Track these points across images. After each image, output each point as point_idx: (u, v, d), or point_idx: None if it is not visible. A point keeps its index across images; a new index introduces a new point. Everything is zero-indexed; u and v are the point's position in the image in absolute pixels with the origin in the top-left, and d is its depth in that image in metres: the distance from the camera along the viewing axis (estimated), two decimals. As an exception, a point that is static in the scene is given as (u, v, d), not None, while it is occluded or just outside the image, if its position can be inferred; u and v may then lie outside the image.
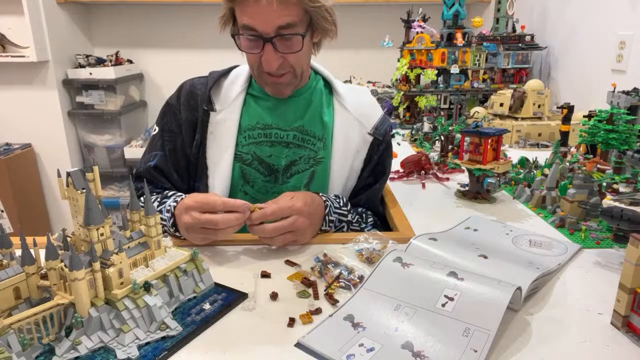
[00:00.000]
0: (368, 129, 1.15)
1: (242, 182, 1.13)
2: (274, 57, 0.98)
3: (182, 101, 1.14)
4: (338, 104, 1.15)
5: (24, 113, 2.81)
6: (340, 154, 1.13)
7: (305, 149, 1.13)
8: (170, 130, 1.14)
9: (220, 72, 1.16)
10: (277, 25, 0.95)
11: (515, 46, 2.20)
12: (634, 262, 0.64)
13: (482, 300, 0.66)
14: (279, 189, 1.13)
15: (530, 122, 1.88)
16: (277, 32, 0.96)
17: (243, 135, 1.12)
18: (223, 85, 1.14)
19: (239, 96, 1.12)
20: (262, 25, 0.95)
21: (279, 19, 0.94)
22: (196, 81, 1.16)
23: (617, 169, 1.20)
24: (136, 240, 0.71)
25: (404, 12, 2.33)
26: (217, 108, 1.11)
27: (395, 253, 0.80)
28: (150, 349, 0.62)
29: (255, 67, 1.05)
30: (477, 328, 0.62)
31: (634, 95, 1.46)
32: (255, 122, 1.12)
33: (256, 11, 0.94)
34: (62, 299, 0.61)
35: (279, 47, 0.98)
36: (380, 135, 1.16)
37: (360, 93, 1.22)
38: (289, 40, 0.98)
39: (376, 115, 1.18)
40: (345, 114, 1.15)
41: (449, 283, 0.70)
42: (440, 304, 0.68)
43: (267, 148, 1.12)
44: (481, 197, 1.21)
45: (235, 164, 1.11)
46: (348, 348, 0.62)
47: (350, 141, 1.14)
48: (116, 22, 3.12)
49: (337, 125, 1.14)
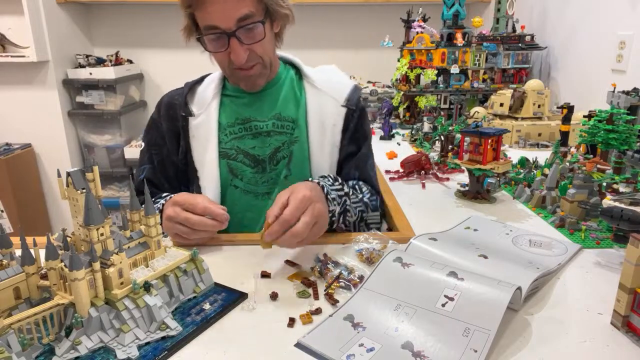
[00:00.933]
0: (341, 101, 1.18)
1: (230, 176, 1.16)
2: (241, 49, 1.02)
3: (162, 114, 1.20)
4: (308, 85, 1.19)
5: (24, 113, 2.81)
6: (316, 130, 1.16)
7: (285, 135, 1.16)
8: (156, 144, 1.20)
9: (194, 81, 1.22)
10: (236, 18, 0.99)
11: (515, 46, 2.20)
12: (634, 262, 0.64)
13: (482, 300, 0.66)
14: (268, 177, 1.17)
15: (530, 122, 1.88)
16: (238, 24, 1.00)
17: (224, 133, 1.16)
18: (198, 91, 1.20)
19: (214, 98, 1.17)
20: (222, 21, 1.00)
21: (237, 11, 0.99)
22: (173, 93, 1.22)
23: (617, 169, 1.20)
24: (136, 240, 0.71)
25: (404, 12, 2.33)
26: (195, 112, 1.17)
27: (395, 253, 0.80)
28: (150, 349, 0.62)
29: (226, 65, 1.09)
30: (477, 328, 0.62)
31: (634, 95, 1.46)
32: (234, 118, 1.17)
33: (214, 9, 0.99)
34: (62, 299, 0.61)
35: (244, 39, 1.02)
36: (353, 105, 1.19)
37: (329, 71, 1.26)
38: (251, 30, 1.02)
39: (347, 87, 1.21)
40: (315, 92, 1.18)
41: (449, 283, 0.70)
42: (440, 304, 0.68)
43: (250, 140, 1.16)
44: (481, 197, 1.21)
45: (221, 160, 1.15)
46: (348, 348, 0.62)
47: (325, 117, 1.17)
48: (116, 22, 3.12)
49: (310, 103, 1.17)
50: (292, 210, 0.82)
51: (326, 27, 3.10)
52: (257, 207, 1.17)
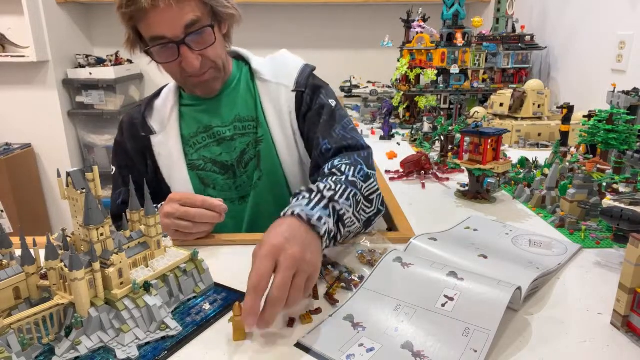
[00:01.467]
0: (290, 87, 1.15)
1: (203, 187, 1.16)
2: (193, 56, 1.00)
3: (125, 135, 1.18)
4: (259, 80, 1.17)
5: (24, 113, 2.81)
6: (276, 125, 1.14)
7: (248, 136, 1.15)
8: (126, 166, 1.19)
9: (151, 96, 1.20)
10: (183, 25, 0.96)
11: (515, 46, 2.20)
12: (633, 262, 0.64)
13: (482, 300, 0.66)
14: (241, 182, 1.17)
15: (530, 122, 1.88)
16: (186, 31, 0.97)
17: (189, 145, 1.15)
18: (155, 106, 1.17)
19: (173, 111, 1.15)
20: (169, 30, 0.96)
21: (183, 18, 0.96)
22: (132, 112, 1.20)
23: (617, 169, 1.20)
24: (136, 240, 0.71)
25: (404, 12, 2.33)
26: (156, 129, 1.15)
27: (395, 253, 0.80)
28: (150, 349, 0.62)
29: (178, 74, 1.06)
30: (477, 328, 0.62)
31: (633, 95, 1.46)
32: (195, 128, 1.15)
33: (159, 19, 0.95)
34: (62, 299, 0.61)
35: (194, 46, 0.99)
36: (303, 87, 1.14)
37: (276, 59, 1.21)
38: (200, 36, 1.00)
39: (295, 70, 1.16)
40: (266, 86, 1.16)
41: (448, 283, 0.70)
42: (440, 304, 0.68)
43: (216, 147, 1.15)
44: (481, 197, 1.21)
45: (190, 173, 1.15)
46: (348, 348, 0.62)
47: (280, 107, 1.14)
48: (116, 22, 3.08)
49: (263, 98, 1.15)
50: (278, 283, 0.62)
51: (326, 27, 3.10)
52: (236, 212, 1.17)
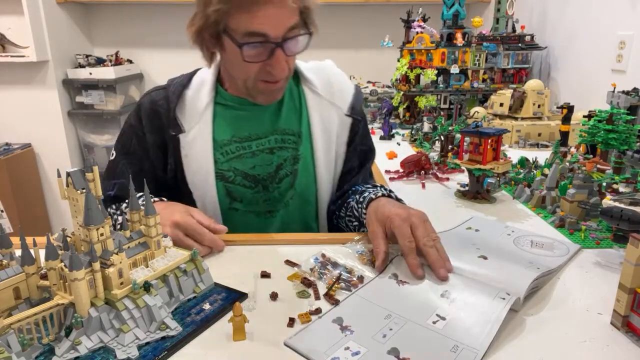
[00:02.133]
0: (344, 109, 1.09)
1: (229, 200, 1.06)
2: (284, 61, 0.93)
3: (144, 123, 1.04)
4: (308, 90, 1.08)
5: (23, 113, 2.81)
6: (322, 145, 1.07)
7: (287, 150, 1.07)
8: (134, 153, 1.05)
9: (182, 83, 1.05)
10: (287, 27, 0.91)
11: (515, 46, 2.20)
12: (633, 262, 0.64)
13: (475, 320, 0.66)
14: (270, 196, 1.09)
15: (530, 122, 1.88)
16: (287, 35, 0.91)
17: (220, 152, 1.04)
18: (187, 98, 1.04)
19: (207, 108, 1.03)
20: (273, 29, 0.89)
21: (289, 20, 0.90)
22: (155, 96, 1.05)
23: (617, 169, 1.20)
24: (136, 241, 0.71)
25: (404, 12, 2.33)
26: (186, 127, 1.02)
27: (391, 269, 0.81)
28: (150, 349, 0.62)
29: (252, 76, 0.96)
30: (466, 347, 0.62)
31: (633, 95, 1.46)
32: (230, 135, 1.05)
33: (266, 14, 0.87)
34: (62, 299, 0.61)
35: (287, 51, 0.93)
36: (359, 115, 1.11)
37: (326, 71, 1.13)
38: (296, 42, 0.94)
39: (349, 92, 1.11)
40: (317, 100, 1.08)
41: (442, 306, 0.71)
42: (432, 321, 0.68)
43: (250, 159, 1.05)
44: (481, 197, 1.21)
45: (218, 183, 1.04)
46: (334, 351, 0.62)
47: (330, 127, 1.08)
48: (116, 22, 3.12)
49: (313, 114, 1.07)
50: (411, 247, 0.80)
51: (326, 27, 3.09)
52: (260, 225, 1.09)
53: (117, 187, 1.04)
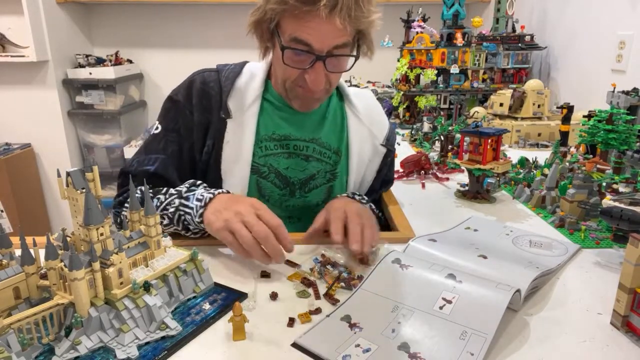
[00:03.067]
0: (380, 139, 1.13)
1: (257, 195, 1.06)
2: (322, 76, 0.93)
3: (194, 102, 1.03)
4: (351, 113, 1.11)
5: (23, 113, 2.81)
6: (355, 167, 1.11)
7: (322, 163, 1.09)
8: (177, 130, 1.04)
9: (235, 71, 1.06)
10: (333, 45, 0.90)
11: (515, 46, 2.20)
12: (633, 262, 0.64)
13: (480, 303, 0.66)
14: (294, 203, 1.10)
15: (530, 122, 1.88)
16: (331, 51, 0.91)
17: (259, 146, 1.05)
18: (237, 86, 1.05)
19: (255, 102, 1.04)
20: (318, 42, 0.89)
21: (337, 38, 0.90)
22: (207, 77, 1.05)
23: (617, 169, 1.20)
24: (136, 240, 0.71)
25: (404, 12, 2.33)
26: (233, 114, 1.03)
27: (393, 254, 0.80)
28: (150, 349, 0.62)
29: (290, 80, 0.97)
30: (474, 331, 0.62)
31: (633, 95, 1.46)
32: (271, 132, 1.06)
33: (314, 26, 0.87)
34: (62, 299, 0.61)
35: (329, 67, 0.93)
36: (392, 147, 1.16)
37: (366, 98, 1.17)
38: (339, 60, 0.94)
39: (385, 123, 1.16)
40: (359, 125, 1.11)
41: (447, 285, 0.70)
42: (438, 307, 0.68)
43: (284, 160, 1.07)
44: (481, 197, 1.21)
45: (251, 176, 1.05)
46: (344, 349, 0.62)
47: (364, 152, 1.12)
48: (116, 22, 3.12)
49: (353, 137, 1.10)
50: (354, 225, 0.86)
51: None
52: None
53: (160, 162, 1.01)
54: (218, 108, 1.03)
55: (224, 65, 1.08)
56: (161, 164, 1.01)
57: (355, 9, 0.87)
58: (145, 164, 1.02)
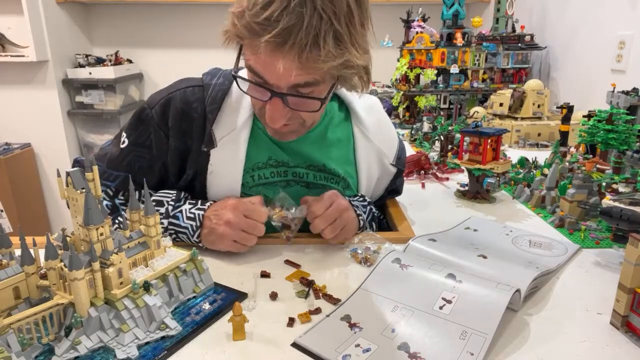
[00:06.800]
0: (390, 158, 1.06)
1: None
2: (282, 112, 0.79)
3: (170, 124, 0.90)
4: (359, 132, 1.01)
5: (23, 113, 2.81)
6: (365, 188, 1.05)
7: (327, 189, 0.95)
8: (147, 147, 0.93)
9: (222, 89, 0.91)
10: (291, 84, 0.76)
11: (514, 46, 2.20)
12: (633, 262, 0.64)
13: (480, 303, 0.66)
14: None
15: (530, 122, 1.88)
16: (290, 90, 0.77)
17: (250, 175, 0.94)
18: (226, 107, 0.91)
19: (246, 124, 0.91)
20: (273, 78, 0.76)
21: (297, 77, 0.74)
22: (189, 94, 0.91)
23: (617, 169, 1.20)
24: (136, 240, 0.71)
25: (404, 12, 2.33)
26: (219, 141, 0.90)
27: (394, 254, 0.80)
28: (150, 349, 0.62)
29: (257, 108, 0.87)
30: (474, 331, 0.62)
31: (633, 95, 1.46)
32: (266, 158, 0.94)
33: (267, 60, 0.73)
34: (62, 299, 0.61)
35: (291, 104, 0.79)
36: (402, 166, 1.11)
37: (376, 112, 1.06)
38: (303, 100, 0.79)
39: (394, 140, 1.09)
40: (367, 145, 1.02)
41: (447, 285, 0.70)
42: (438, 307, 0.68)
43: (281, 189, 0.94)
44: (481, 197, 1.21)
45: None
46: (344, 348, 0.62)
47: (372, 171, 1.05)
48: (116, 22, 3.12)
49: (361, 160, 1.02)
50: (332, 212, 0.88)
51: (326, 27, 3.09)
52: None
53: (121, 180, 0.92)
54: (200, 135, 0.90)
55: (212, 77, 0.94)
56: (122, 182, 0.93)
57: (312, 50, 0.70)
58: (105, 177, 0.93)
